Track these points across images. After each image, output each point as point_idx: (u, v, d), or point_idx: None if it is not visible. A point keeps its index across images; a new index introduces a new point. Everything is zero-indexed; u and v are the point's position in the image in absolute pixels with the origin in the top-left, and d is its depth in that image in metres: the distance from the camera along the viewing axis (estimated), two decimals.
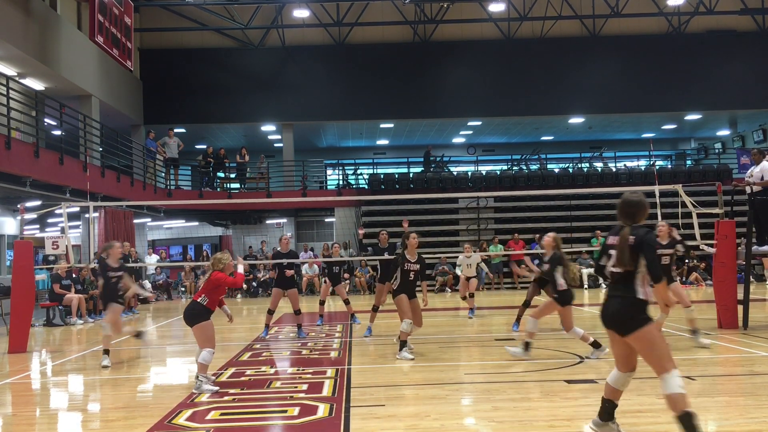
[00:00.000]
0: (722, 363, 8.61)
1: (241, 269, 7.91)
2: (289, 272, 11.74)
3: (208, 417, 6.15)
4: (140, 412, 6.46)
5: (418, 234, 10.40)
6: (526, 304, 11.66)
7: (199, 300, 7.37)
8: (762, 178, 11.00)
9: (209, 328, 7.32)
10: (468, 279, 14.49)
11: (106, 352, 9.30)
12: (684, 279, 22.56)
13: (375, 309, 11.87)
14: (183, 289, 24.36)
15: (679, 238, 10.34)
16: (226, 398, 6.89)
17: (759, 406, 6.07)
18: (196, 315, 7.31)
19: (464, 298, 14.51)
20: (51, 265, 16.80)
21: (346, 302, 13.47)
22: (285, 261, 11.77)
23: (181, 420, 6.03)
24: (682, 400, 4.53)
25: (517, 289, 22.55)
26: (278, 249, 12.33)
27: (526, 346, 8.70)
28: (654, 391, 6.64)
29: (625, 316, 4.81)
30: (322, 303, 13.85)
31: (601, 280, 22.65)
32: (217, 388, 7.15)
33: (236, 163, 26.17)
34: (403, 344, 9.08)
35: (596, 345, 8.58)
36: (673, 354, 7.35)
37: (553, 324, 12.24)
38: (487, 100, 27.34)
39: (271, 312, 11.79)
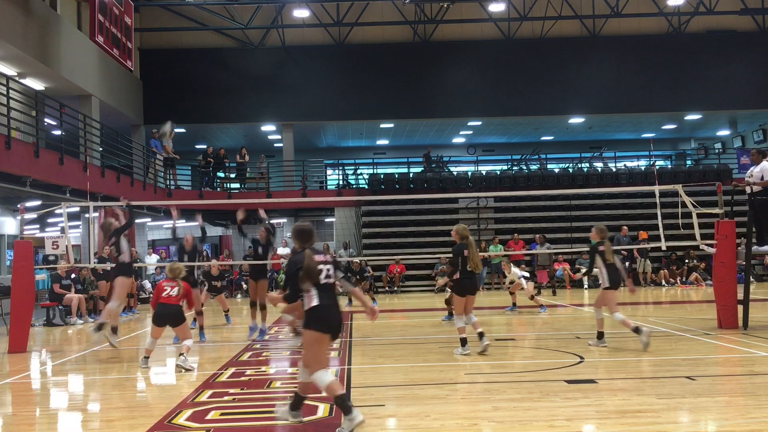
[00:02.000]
0: (722, 363, 8.60)
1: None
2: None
3: (208, 417, 6.14)
4: (140, 412, 6.46)
5: (417, 234, 10.47)
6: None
7: (180, 304, 9.11)
8: (762, 179, 11.00)
9: (188, 326, 9.28)
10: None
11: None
12: (684, 279, 22.57)
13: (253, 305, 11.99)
14: None
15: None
16: (226, 398, 6.89)
17: (759, 406, 6.07)
18: (181, 316, 9.06)
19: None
20: (51, 265, 16.79)
21: (263, 307, 12.18)
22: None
23: (181, 420, 6.03)
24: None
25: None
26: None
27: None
28: (654, 391, 6.64)
29: None
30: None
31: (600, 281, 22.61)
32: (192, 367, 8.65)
33: (236, 163, 26.16)
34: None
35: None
36: (673, 354, 7.37)
37: (553, 324, 12.27)
38: (487, 100, 27.34)
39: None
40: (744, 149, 29.01)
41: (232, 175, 26.87)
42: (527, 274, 15.31)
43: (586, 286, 22.35)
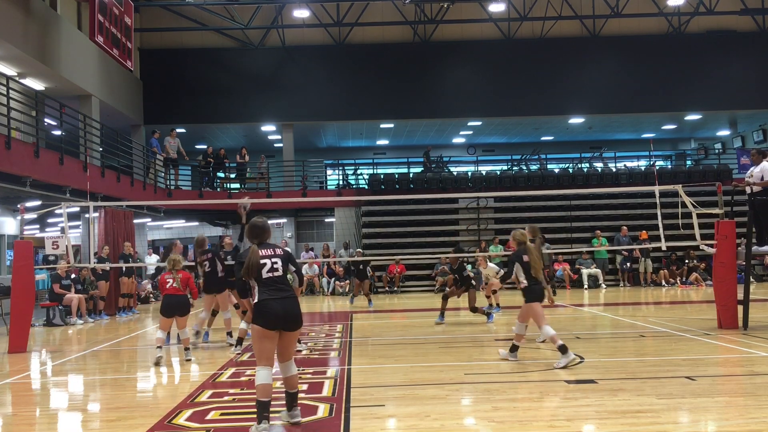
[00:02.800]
0: (722, 363, 8.60)
1: None
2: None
3: (208, 417, 6.15)
4: (140, 412, 6.46)
5: (417, 234, 10.53)
6: None
7: (186, 294, 9.68)
8: (762, 179, 11.01)
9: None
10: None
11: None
12: (684, 279, 22.58)
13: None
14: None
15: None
16: (225, 398, 6.89)
17: (759, 406, 6.07)
18: (187, 306, 9.67)
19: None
20: (51, 265, 16.79)
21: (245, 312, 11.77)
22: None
23: (181, 420, 6.03)
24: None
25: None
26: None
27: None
28: (654, 391, 6.64)
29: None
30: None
31: (600, 281, 22.68)
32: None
33: (236, 164, 26.16)
34: None
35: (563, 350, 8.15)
36: (673, 354, 7.36)
37: (553, 324, 12.23)
38: (487, 101, 27.34)
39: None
40: (744, 149, 29.02)
41: (232, 175, 26.86)
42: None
43: (586, 287, 22.36)
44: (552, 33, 27.32)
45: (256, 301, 5.68)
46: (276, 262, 5.75)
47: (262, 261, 5.70)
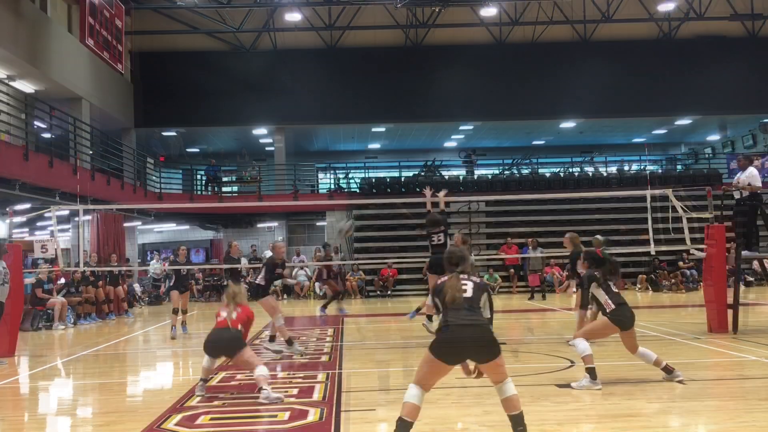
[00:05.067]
0: (712, 367, 8.63)
1: None
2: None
3: (198, 422, 6.11)
4: (129, 417, 6.42)
5: (409, 238, 10.61)
6: None
7: (239, 328, 7.32)
8: (749, 185, 11.11)
9: (250, 352, 7.37)
10: None
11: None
12: (671, 283, 22.56)
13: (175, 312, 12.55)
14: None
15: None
16: (215, 403, 6.85)
17: (749, 410, 6.09)
18: (238, 342, 7.22)
19: None
20: (32, 269, 16.65)
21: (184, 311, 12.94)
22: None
23: (170, 425, 6.00)
24: None
25: (512, 293, 22.57)
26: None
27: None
28: (644, 395, 6.65)
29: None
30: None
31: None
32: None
33: (236, 165, 26.25)
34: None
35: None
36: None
37: (544, 328, 12.29)
38: (479, 104, 27.38)
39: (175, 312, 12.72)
40: (734, 154, 29.17)
41: (225, 179, 26.98)
42: None
43: (574, 290, 22.40)
44: (543, 37, 27.40)
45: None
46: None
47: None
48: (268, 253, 24.15)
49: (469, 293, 5.07)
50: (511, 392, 5.03)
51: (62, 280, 16.43)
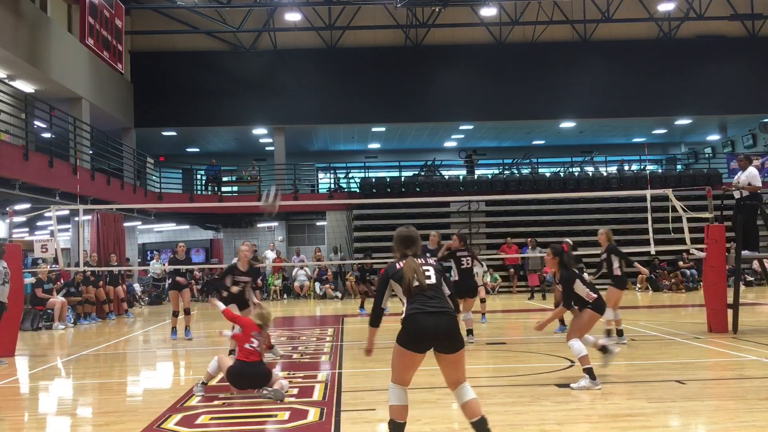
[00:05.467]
0: (712, 367, 8.63)
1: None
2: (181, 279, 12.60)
3: (198, 421, 6.11)
4: (129, 417, 6.42)
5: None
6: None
7: (264, 360, 7.30)
8: (749, 185, 11.11)
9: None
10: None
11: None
12: (671, 283, 22.59)
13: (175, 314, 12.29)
14: None
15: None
16: (215, 402, 6.85)
17: (748, 410, 6.09)
18: (268, 375, 7.09)
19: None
20: (33, 269, 16.66)
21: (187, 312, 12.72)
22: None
23: (170, 424, 5.99)
24: None
25: (512, 293, 22.58)
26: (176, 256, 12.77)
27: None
28: (644, 394, 6.66)
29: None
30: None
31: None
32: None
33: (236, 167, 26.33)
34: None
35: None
36: (663, 358, 7.38)
37: (545, 328, 12.26)
38: (479, 104, 27.39)
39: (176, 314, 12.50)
40: (734, 154, 29.18)
41: (226, 179, 26.99)
42: None
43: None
44: (543, 37, 27.41)
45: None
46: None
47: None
48: (269, 253, 24.24)
49: (433, 279, 4.86)
50: (470, 396, 4.76)
51: (62, 281, 16.44)
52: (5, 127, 15.98)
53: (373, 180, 27.01)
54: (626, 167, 29.09)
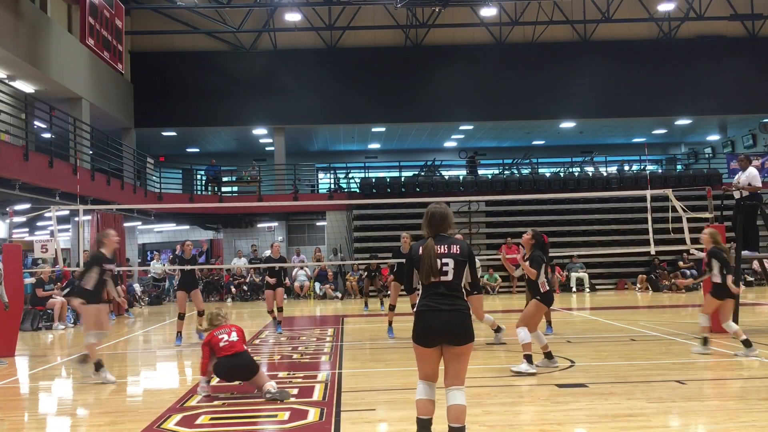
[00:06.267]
0: (712, 367, 8.63)
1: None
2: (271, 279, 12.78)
3: (198, 422, 6.11)
4: (129, 417, 6.42)
5: (410, 236, 10.56)
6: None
7: (248, 349, 7.41)
8: (749, 185, 11.11)
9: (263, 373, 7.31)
10: None
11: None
12: (670, 283, 22.60)
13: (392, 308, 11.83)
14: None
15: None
16: (215, 403, 6.85)
17: (748, 410, 6.09)
18: (255, 365, 7.16)
19: None
20: (33, 269, 16.65)
21: (279, 309, 12.88)
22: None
23: (170, 425, 6.00)
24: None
25: (512, 293, 22.58)
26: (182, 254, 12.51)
27: None
28: (644, 395, 6.66)
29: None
30: (270, 312, 13.24)
31: (586, 285, 22.79)
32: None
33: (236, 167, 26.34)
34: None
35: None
36: (663, 358, 7.39)
37: (544, 328, 12.27)
38: (479, 105, 27.40)
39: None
40: (734, 154, 29.18)
41: (226, 179, 26.99)
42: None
43: (574, 290, 22.48)
44: (543, 37, 27.41)
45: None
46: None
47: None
48: (268, 253, 24.21)
49: (449, 276, 4.78)
50: (460, 402, 4.74)
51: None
52: (5, 127, 15.98)
53: (373, 180, 27.01)
54: (626, 167, 29.10)
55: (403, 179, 26.93)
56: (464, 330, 4.75)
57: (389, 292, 12.57)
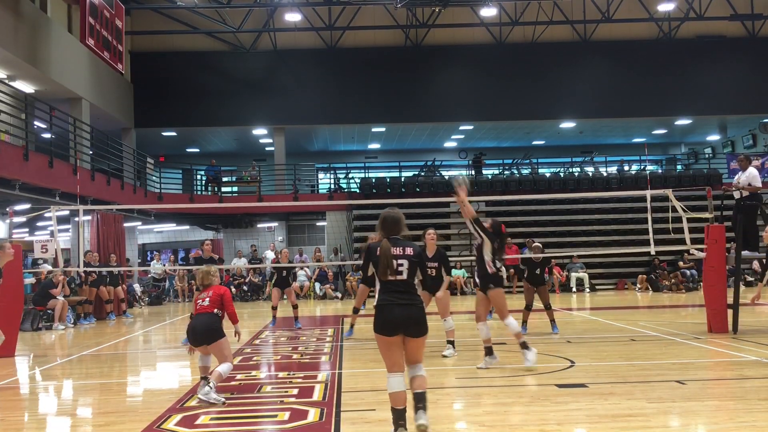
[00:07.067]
0: (712, 367, 8.63)
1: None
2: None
3: (198, 422, 6.11)
4: (129, 417, 6.42)
5: (408, 238, 10.48)
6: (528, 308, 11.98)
7: (215, 312, 7.02)
8: (749, 185, 11.11)
9: (228, 344, 7.07)
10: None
11: None
12: (669, 283, 22.58)
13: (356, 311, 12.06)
14: (174, 293, 24.24)
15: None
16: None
17: (748, 410, 6.09)
18: (216, 331, 6.92)
19: None
20: (35, 270, 16.63)
21: (294, 307, 13.55)
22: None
23: (170, 425, 5.99)
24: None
25: (512, 293, 22.56)
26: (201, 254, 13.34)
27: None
28: (644, 395, 6.66)
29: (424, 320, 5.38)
30: (274, 308, 14.15)
31: (586, 285, 22.78)
32: (223, 400, 6.69)
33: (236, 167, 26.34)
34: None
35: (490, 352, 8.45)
36: (663, 358, 7.39)
37: (543, 328, 12.28)
38: (479, 105, 27.40)
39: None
40: (734, 154, 29.18)
41: (226, 179, 27.00)
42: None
43: (574, 290, 22.47)
44: (543, 38, 27.42)
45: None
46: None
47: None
48: (269, 253, 24.24)
49: (404, 275, 5.34)
50: (421, 372, 5.35)
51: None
52: (5, 127, 15.98)
53: (373, 180, 27.01)
54: (626, 167, 29.11)
55: (403, 179, 26.93)
56: (421, 323, 5.33)
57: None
